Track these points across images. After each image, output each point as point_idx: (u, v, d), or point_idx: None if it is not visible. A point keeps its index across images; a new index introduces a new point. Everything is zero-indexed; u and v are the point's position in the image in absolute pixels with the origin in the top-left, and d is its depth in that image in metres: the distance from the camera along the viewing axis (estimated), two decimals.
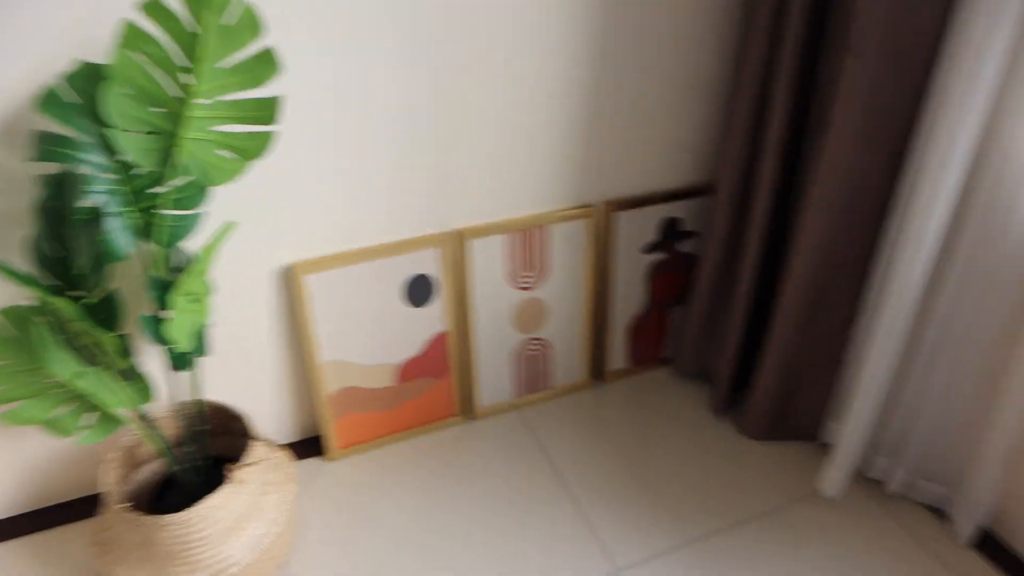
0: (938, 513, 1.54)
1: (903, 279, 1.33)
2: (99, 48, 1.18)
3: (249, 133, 1.13)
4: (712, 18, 1.58)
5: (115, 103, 1.07)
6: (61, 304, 0.94)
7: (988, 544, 1.47)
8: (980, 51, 1.15)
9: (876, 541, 1.48)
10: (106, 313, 1.08)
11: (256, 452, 1.31)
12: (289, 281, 1.49)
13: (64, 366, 1.16)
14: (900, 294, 1.34)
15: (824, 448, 1.70)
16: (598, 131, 1.61)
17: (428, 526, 1.50)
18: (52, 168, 1.20)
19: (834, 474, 1.54)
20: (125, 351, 1.11)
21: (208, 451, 1.35)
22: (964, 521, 1.46)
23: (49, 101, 1.10)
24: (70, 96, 1.11)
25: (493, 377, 1.75)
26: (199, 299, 1.19)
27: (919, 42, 1.27)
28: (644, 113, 1.63)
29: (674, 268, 1.84)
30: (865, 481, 1.61)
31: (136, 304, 1.36)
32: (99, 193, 1.10)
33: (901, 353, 1.46)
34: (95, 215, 1.04)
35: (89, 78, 1.13)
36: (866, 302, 1.51)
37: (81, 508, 1.53)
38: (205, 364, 1.50)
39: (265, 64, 1.08)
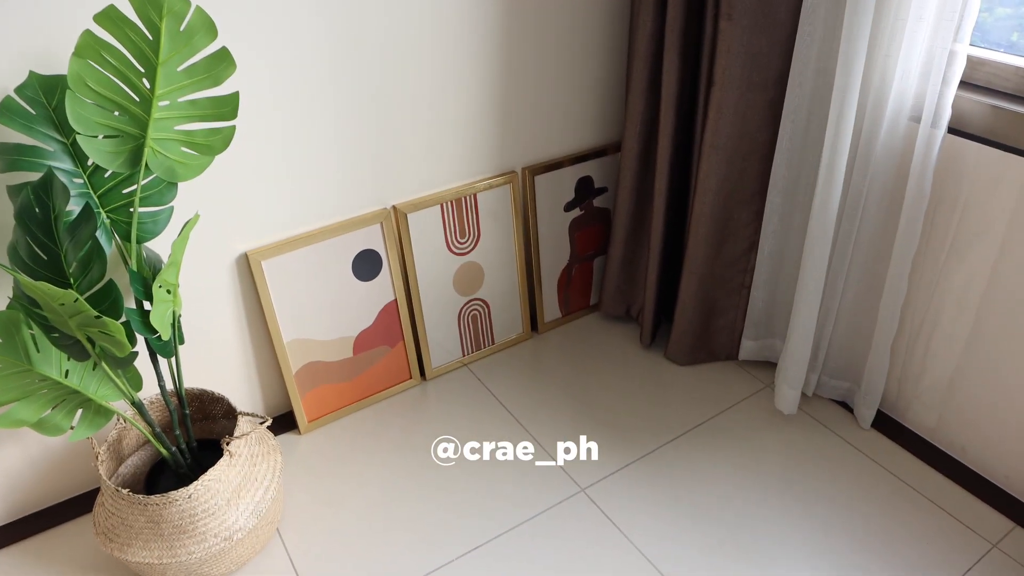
0: (844, 406, 1.79)
1: (823, 210, 1.52)
2: (56, 61, 1.23)
3: (211, 129, 1.21)
4: None
5: (75, 110, 1.13)
6: (71, 297, 1.01)
7: (886, 424, 1.73)
8: (831, 5, 1.37)
9: (795, 433, 1.72)
10: (108, 303, 1.16)
11: (243, 426, 1.41)
12: (247, 268, 1.57)
13: (54, 364, 1.23)
14: (822, 223, 1.53)
15: (742, 364, 1.93)
16: (513, 103, 1.76)
17: (404, 477, 1.64)
18: (25, 178, 1.26)
19: (787, 392, 1.73)
20: (132, 337, 1.18)
21: (192, 435, 1.43)
22: (864, 407, 1.72)
23: (7, 110, 1.16)
24: (26, 106, 1.17)
25: (441, 339, 1.89)
26: (172, 290, 1.27)
27: (781, 2, 1.49)
28: (551, 84, 1.80)
29: (592, 222, 2.03)
30: None
31: None
32: (75, 196, 1.17)
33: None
34: (82, 217, 1.11)
35: (45, 89, 1.19)
36: (765, 230, 1.73)
37: (67, 509, 1.58)
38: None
39: (222, 63, 1.17)
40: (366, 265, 1.70)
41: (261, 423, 1.45)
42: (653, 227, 1.84)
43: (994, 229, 1.43)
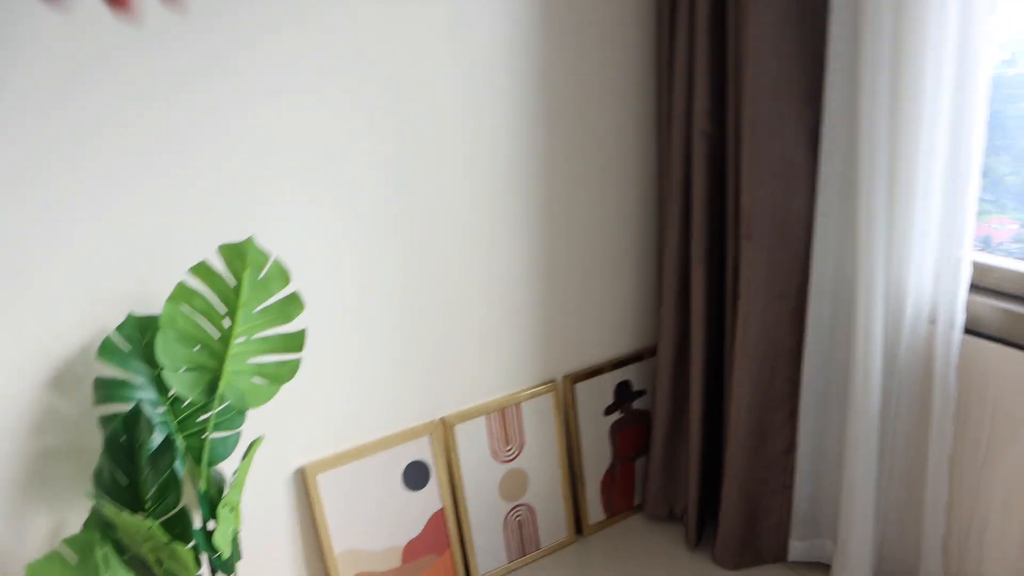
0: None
1: (863, 414, 1.58)
2: (141, 303, 1.41)
3: (280, 362, 1.35)
4: (634, 217, 1.94)
5: (164, 347, 1.28)
6: (146, 525, 1.10)
7: None
8: (840, 225, 1.51)
9: None
10: (180, 528, 1.24)
11: None
12: (303, 482, 1.65)
13: None
14: (865, 427, 1.59)
15: (791, 566, 1.89)
16: (554, 315, 1.90)
17: None
18: (111, 408, 1.39)
19: None
20: (198, 561, 1.25)
21: None
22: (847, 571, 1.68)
23: (107, 349, 1.31)
24: (123, 344, 1.33)
25: (487, 545, 1.91)
26: (234, 508, 1.36)
27: (795, 223, 1.63)
28: (589, 295, 1.94)
29: (632, 424, 2.09)
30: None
31: None
32: (158, 425, 1.29)
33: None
34: (162, 448, 1.22)
35: (140, 328, 1.35)
36: (803, 430, 1.77)
37: None
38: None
39: (293, 305, 1.33)
40: (416, 475, 1.77)
41: None
42: (691, 430, 1.89)
43: None
